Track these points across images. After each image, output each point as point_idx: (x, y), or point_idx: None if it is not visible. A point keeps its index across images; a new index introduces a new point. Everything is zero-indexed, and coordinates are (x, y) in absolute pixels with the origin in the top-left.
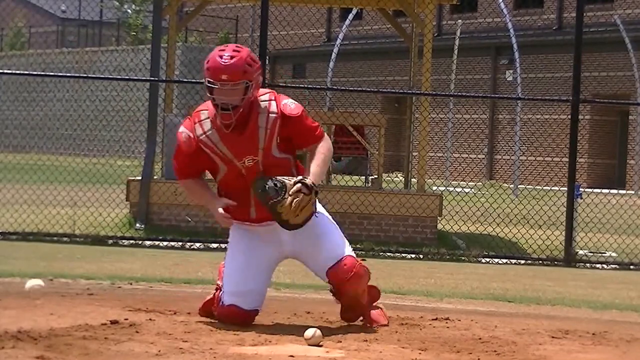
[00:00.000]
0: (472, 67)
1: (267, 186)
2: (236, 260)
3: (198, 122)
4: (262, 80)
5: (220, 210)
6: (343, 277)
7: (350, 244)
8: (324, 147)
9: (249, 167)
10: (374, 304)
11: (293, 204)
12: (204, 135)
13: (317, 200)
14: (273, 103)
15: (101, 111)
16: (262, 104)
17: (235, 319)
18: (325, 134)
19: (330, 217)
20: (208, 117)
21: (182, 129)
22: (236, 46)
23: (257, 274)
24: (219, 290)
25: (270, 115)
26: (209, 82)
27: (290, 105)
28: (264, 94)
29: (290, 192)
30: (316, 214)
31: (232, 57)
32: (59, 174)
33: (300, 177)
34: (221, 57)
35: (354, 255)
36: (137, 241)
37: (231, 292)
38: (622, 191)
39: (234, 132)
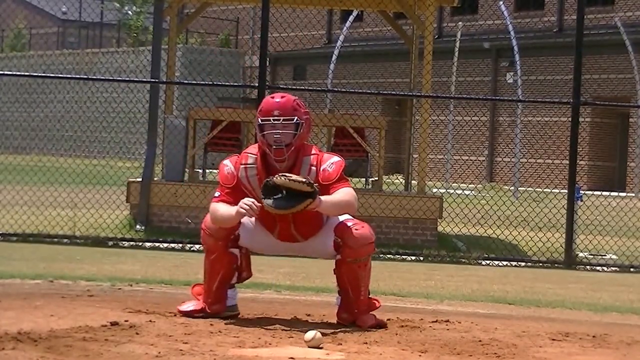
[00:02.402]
0: (472, 69)
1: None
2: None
3: (244, 166)
4: (310, 127)
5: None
6: (350, 226)
7: None
8: (347, 192)
9: (279, 214)
10: (371, 312)
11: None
12: (245, 178)
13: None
14: (313, 169)
15: (102, 112)
16: (304, 166)
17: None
18: (354, 193)
19: None
20: (254, 164)
21: (227, 162)
22: (283, 93)
23: (258, 230)
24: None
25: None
26: (262, 120)
27: (329, 169)
28: (309, 155)
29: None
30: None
31: (282, 97)
32: (59, 175)
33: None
34: (272, 97)
35: None
36: (137, 243)
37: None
38: (622, 194)
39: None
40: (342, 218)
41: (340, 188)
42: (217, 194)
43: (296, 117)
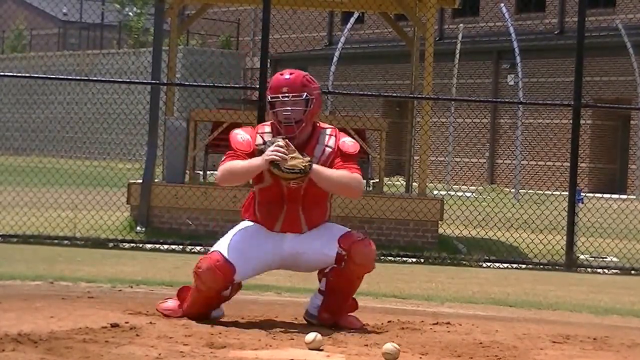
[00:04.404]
0: (473, 71)
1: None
2: (239, 235)
3: (260, 133)
4: (322, 103)
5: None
6: (356, 239)
7: None
8: (353, 174)
9: (292, 189)
10: (349, 314)
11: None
12: (262, 146)
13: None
14: (333, 138)
15: (102, 114)
16: (323, 136)
17: (214, 266)
18: (360, 177)
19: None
20: (271, 132)
21: (239, 131)
22: (292, 69)
23: (253, 249)
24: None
25: (326, 148)
26: (272, 97)
27: (348, 143)
28: (327, 128)
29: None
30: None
31: (291, 74)
32: (59, 176)
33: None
34: (282, 74)
35: None
36: (137, 244)
37: (221, 245)
38: (623, 196)
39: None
40: (344, 228)
41: (349, 169)
42: (225, 157)
43: (305, 93)
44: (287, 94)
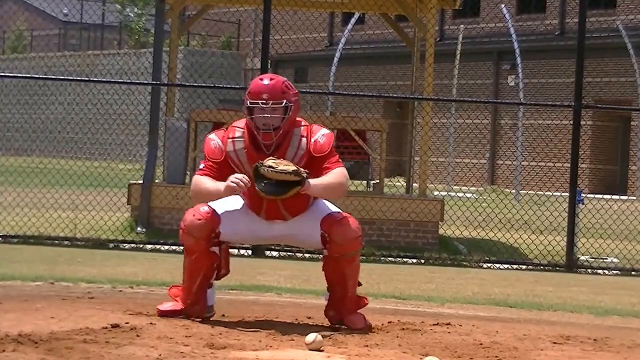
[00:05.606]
0: (474, 72)
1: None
2: (232, 202)
3: (231, 139)
4: (299, 109)
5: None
6: (335, 220)
7: None
8: (339, 173)
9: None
10: (358, 311)
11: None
12: (233, 152)
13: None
14: (304, 140)
15: (103, 114)
16: (295, 137)
17: (198, 213)
18: (344, 170)
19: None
20: (242, 137)
21: (213, 136)
22: (272, 74)
23: (242, 218)
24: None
25: (299, 151)
26: (250, 103)
27: (320, 141)
28: (299, 127)
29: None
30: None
31: (271, 79)
32: (60, 177)
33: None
34: (261, 79)
35: None
36: (138, 245)
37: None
38: (623, 197)
39: (261, 156)
40: (330, 207)
41: (333, 167)
42: (201, 166)
43: (285, 100)
44: (267, 101)
